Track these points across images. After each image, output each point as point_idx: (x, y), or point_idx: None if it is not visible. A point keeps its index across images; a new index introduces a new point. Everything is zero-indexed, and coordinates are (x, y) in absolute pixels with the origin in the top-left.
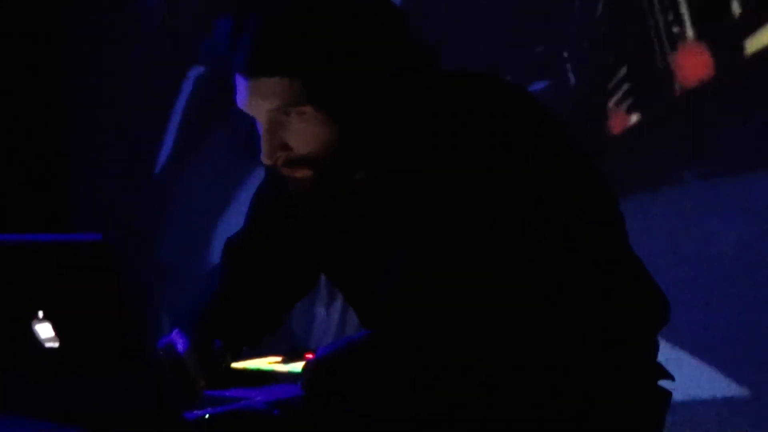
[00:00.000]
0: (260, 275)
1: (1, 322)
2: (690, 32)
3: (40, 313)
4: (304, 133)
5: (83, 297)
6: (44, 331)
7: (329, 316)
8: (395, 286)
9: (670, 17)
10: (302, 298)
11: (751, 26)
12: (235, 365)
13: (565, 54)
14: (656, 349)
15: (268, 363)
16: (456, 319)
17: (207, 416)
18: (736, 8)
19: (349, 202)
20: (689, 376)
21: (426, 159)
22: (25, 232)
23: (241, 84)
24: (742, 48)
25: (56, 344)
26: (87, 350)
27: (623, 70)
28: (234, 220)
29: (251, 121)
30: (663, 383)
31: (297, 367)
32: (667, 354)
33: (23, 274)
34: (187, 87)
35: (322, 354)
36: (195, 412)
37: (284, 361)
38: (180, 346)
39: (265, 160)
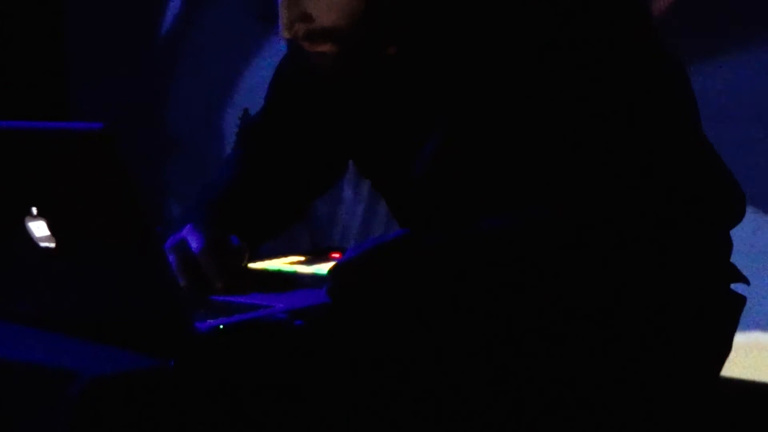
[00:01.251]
0: (281, 162)
1: None
2: None
3: (34, 210)
4: (327, 1)
5: (84, 192)
6: (38, 229)
7: (356, 206)
8: (430, 170)
9: None
10: (328, 188)
11: None
12: (252, 265)
13: None
14: (729, 247)
15: (290, 263)
16: (498, 208)
17: (221, 326)
18: None
19: (379, 80)
20: None
21: (474, 30)
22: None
23: None
24: None
25: (52, 244)
26: (86, 251)
27: None
28: (247, 91)
29: None
30: (736, 287)
31: (322, 268)
32: None
33: (14, 165)
34: None
35: (350, 255)
36: (208, 321)
37: (307, 262)
38: (194, 244)
39: (284, 32)
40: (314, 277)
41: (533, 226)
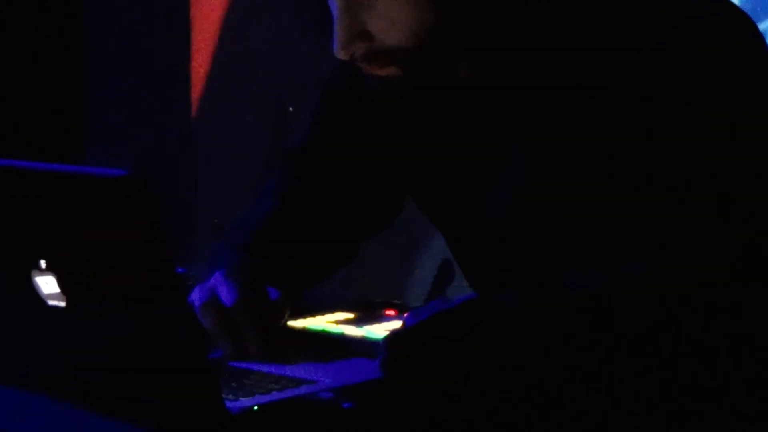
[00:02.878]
0: (328, 196)
1: None
2: None
3: (42, 263)
4: (392, 17)
5: (102, 243)
6: (47, 285)
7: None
8: (510, 211)
9: None
10: (382, 228)
11: None
12: (291, 323)
13: None
14: None
15: (336, 322)
16: (584, 260)
17: (255, 407)
18: None
19: (448, 106)
20: None
21: (563, 56)
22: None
23: None
24: None
25: (62, 302)
26: (101, 311)
27: None
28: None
29: (325, 5)
30: None
31: (374, 330)
32: None
33: (21, 210)
34: None
35: (410, 322)
36: (240, 399)
37: (357, 321)
38: (226, 298)
39: (340, 52)
40: (365, 343)
41: (630, 287)
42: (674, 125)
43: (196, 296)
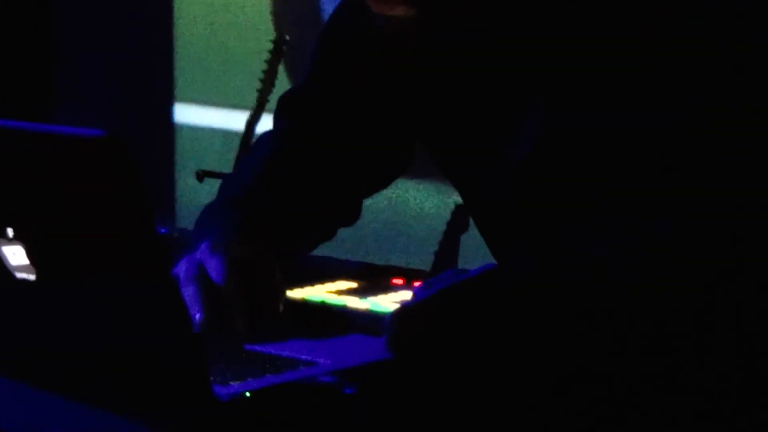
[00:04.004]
0: (330, 144)
1: None
2: None
3: (10, 231)
4: None
5: (77, 210)
6: (14, 255)
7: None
8: (533, 156)
9: None
10: (389, 181)
11: None
12: (289, 294)
13: None
14: None
15: (337, 293)
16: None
17: (247, 393)
18: None
19: (462, 49)
20: None
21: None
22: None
23: None
24: None
25: (30, 275)
26: (74, 285)
27: None
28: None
29: None
30: None
31: (380, 302)
32: None
33: None
34: None
35: (420, 296)
36: (231, 384)
37: (360, 291)
38: (214, 272)
39: None
40: (370, 316)
41: (656, 253)
42: (701, 82)
43: (181, 270)
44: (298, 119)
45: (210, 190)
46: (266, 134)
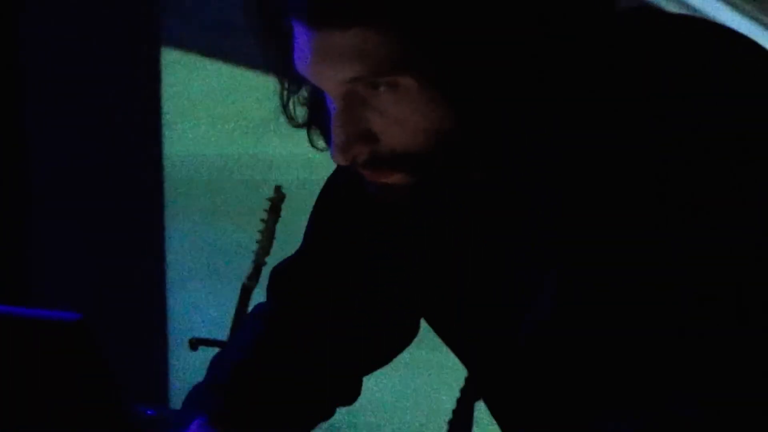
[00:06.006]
0: (326, 319)
1: None
2: None
3: None
4: (399, 117)
5: (45, 389)
6: None
7: None
8: (541, 340)
9: None
10: (393, 357)
11: None
12: None
13: None
14: None
15: None
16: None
17: None
18: None
19: (464, 216)
20: None
21: (596, 165)
22: None
23: (302, 37)
24: None
25: None
26: None
27: None
28: None
29: (318, 95)
30: None
31: None
32: None
33: None
34: None
35: None
36: None
37: None
38: None
39: (337, 156)
40: None
41: None
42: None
43: None
44: (293, 298)
45: (205, 356)
46: (260, 309)
